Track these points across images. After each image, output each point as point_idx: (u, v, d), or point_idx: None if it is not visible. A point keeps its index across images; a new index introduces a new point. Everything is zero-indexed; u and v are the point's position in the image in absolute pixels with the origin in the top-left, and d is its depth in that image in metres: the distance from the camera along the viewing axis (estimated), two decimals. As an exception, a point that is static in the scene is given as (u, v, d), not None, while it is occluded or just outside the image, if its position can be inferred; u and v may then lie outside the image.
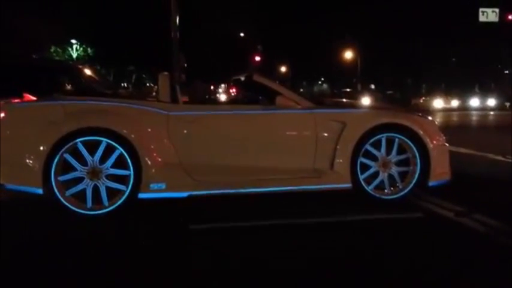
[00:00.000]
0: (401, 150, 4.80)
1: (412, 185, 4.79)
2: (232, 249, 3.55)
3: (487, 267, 3.19)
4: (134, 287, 2.91)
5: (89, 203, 4.31)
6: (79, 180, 4.32)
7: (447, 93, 38.95)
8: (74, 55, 39.34)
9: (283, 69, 58.42)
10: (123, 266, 3.23)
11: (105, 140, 4.32)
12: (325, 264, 3.24)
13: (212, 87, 61.45)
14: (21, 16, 28.80)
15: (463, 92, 39.62)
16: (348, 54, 46.58)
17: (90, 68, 10.29)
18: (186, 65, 21.74)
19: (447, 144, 5.02)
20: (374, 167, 4.77)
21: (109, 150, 4.34)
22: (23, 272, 3.13)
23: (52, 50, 37.59)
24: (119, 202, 4.34)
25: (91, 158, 4.31)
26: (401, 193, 4.80)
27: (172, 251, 3.54)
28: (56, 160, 4.24)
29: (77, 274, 3.09)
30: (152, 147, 4.48)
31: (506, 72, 45.05)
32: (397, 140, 4.76)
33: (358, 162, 4.70)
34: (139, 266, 3.22)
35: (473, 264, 3.24)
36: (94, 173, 4.32)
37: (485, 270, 3.14)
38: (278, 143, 4.76)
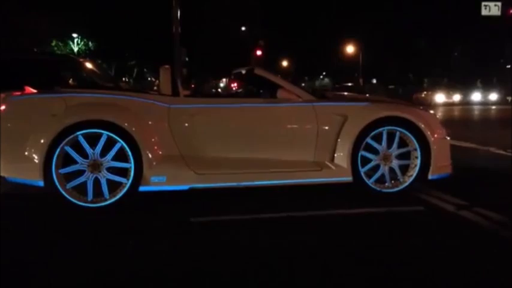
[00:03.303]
0: (402, 143, 4.80)
1: (413, 178, 4.79)
2: (233, 242, 3.55)
3: (488, 260, 3.19)
4: (135, 280, 2.91)
5: (90, 196, 4.32)
6: (80, 172, 4.33)
7: (449, 88, 38.82)
8: (75, 49, 39.32)
9: (285, 63, 58.40)
10: (124, 258, 3.24)
11: (105, 133, 4.32)
12: (326, 257, 3.24)
13: (214, 81, 61.64)
14: (23, 10, 28.78)
15: (465, 87, 39.48)
16: (350, 49, 46.49)
17: (92, 61, 10.26)
18: (187, 59, 21.69)
19: (448, 138, 5.02)
20: (375, 160, 4.77)
21: (110, 143, 4.34)
22: (24, 265, 3.15)
23: (53, 43, 37.59)
24: (120, 195, 4.35)
25: (92, 150, 4.32)
26: (402, 186, 4.80)
27: (172, 243, 3.55)
28: (56, 153, 4.24)
29: (77, 267, 3.10)
30: (153, 140, 4.49)
31: (508, 66, 44.89)
32: (398, 133, 4.76)
33: (359, 155, 4.69)
34: (140, 259, 3.22)
35: (474, 257, 3.24)
36: (95, 166, 4.33)
37: (487, 263, 3.14)
38: (279, 136, 4.76)
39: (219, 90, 54.36)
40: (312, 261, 3.16)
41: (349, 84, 41.65)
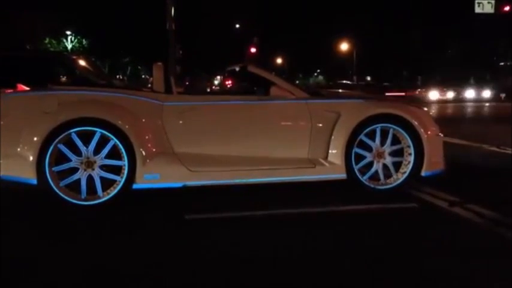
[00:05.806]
0: (395, 140, 4.81)
1: (406, 175, 4.81)
2: (226, 239, 3.55)
3: (480, 256, 3.20)
4: (127, 277, 2.91)
5: (84, 194, 4.31)
6: (73, 170, 4.32)
7: (443, 85, 38.96)
8: (69, 46, 39.17)
9: (279, 60, 58.41)
10: (117, 255, 3.23)
11: (99, 131, 4.30)
12: (320, 254, 3.25)
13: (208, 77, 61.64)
14: (16, 7, 28.64)
15: (459, 84, 39.62)
16: (344, 46, 46.55)
17: (85, 59, 10.23)
18: (181, 52, 21.55)
19: (441, 135, 5.03)
20: (368, 157, 4.78)
21: (103, 140, 4.33)
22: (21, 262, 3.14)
23: (46, 41, 37.44)
24: (114, 193, 4.34)
25: (85, 148, 4.31)
26: (396, 183, 4.81)
27: (166, 240, 3.54)
28: (50, 150, 4.22)
29: (70, 264, 3.09)
30: (146, 137, 4.47)
31: (502, 64, 45.10)
32: (391, 130, 4.77)
33: (353, 152, 4.70)
34: (134, 256, 3.22)
35: (466, 254, 3.25)
36: (88, 164, 4.32)
37: (479, 259, 3.15)
38: (273, 134, 4.75)
39: (214, 87, 54.31)
40: (305, 259, 3.17)
41: (344, 81, 41.69)
